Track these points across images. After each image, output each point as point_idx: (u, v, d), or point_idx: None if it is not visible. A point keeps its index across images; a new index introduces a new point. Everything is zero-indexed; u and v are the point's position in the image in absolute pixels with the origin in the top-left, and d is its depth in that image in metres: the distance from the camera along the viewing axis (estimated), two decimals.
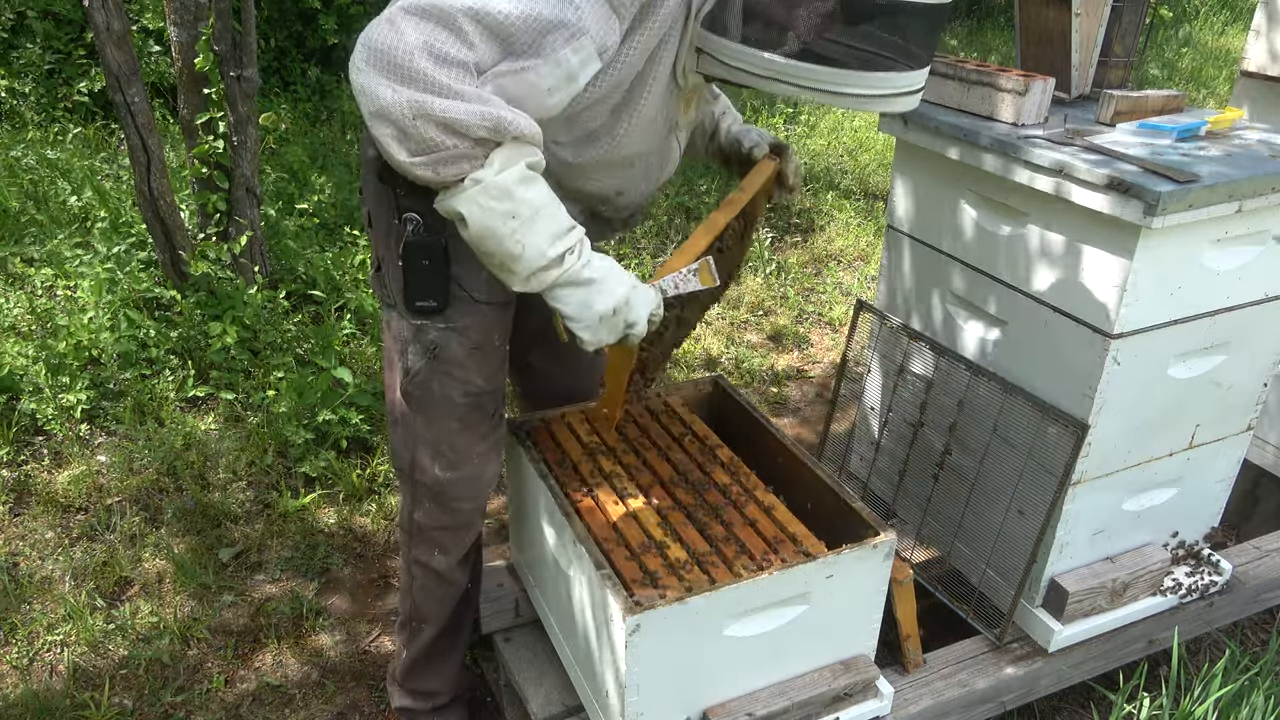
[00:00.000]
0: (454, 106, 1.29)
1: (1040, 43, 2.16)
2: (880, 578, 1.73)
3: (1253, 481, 2.74)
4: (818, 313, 4.24)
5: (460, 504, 1.85)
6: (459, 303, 1.67)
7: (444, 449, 1.78)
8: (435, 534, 1.88)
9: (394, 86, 1.28)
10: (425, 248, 1.60)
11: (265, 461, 3.00)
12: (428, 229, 1.60)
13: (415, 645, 2.03)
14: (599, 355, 2.09)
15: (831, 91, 1.44)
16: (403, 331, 1.71)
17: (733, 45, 1.45)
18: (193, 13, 3.26)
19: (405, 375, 1.73)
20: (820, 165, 5.71)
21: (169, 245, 3.39)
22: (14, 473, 2.92)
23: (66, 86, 5.13)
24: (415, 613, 1.99)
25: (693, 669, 1.62)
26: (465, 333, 1.70)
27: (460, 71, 1.31)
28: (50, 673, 2.35)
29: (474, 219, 1.36)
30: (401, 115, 1.28)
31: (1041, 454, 1.95)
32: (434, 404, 1.74)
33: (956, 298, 2.13)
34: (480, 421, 1.79)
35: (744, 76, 1.48)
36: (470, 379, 1.73)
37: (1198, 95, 7.50)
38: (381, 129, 1.31)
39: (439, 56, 1.29)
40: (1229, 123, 2.02)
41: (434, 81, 1.28)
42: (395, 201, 1.61)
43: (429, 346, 1.69)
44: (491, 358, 1.76)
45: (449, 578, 1.94)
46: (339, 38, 5.65)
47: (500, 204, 1.36)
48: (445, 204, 1.38)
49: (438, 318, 1.67)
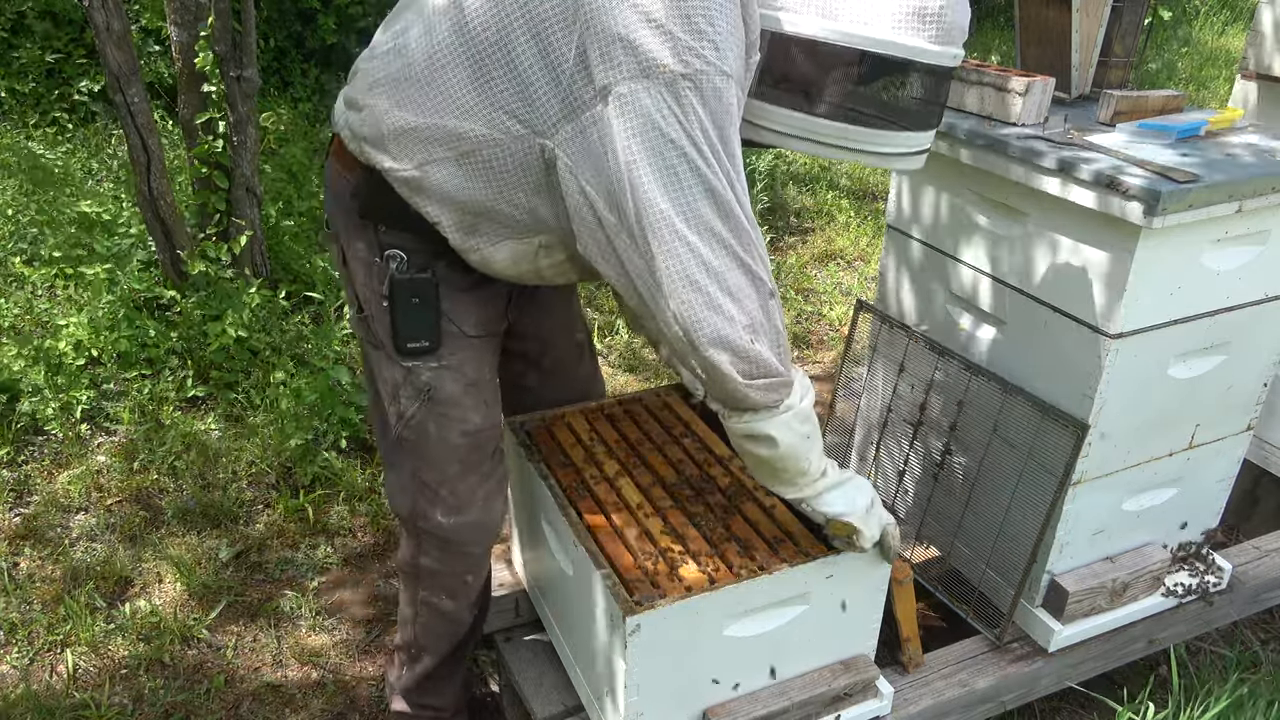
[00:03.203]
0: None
1: (1040, 43, 2.16)
2: (880, 578, 1.73)
3: (1253, 481, 2.73)
4: (818, 313, 4.24)
5: (469, 549, 1.80)
6: (451, 339, 1.63)
7: (445, 494, 1.72)
8: (446, 580, 1.82)
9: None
10: (414, 285, 1.56)
11: (265, 461, 3.00)
12: (414, 265, 1.55)
13: (416, 669, 1.97)
14: (598, 378, 2.10)
15: (855, 150, 1.49)
16: (393, 375, 1.65)
17: (759, 104, 1.47)
18: (193, 13, 3.25)
19: (399, 420, 1.68)
20: (820, 165, 5.72)
21: (169, 245, 3.39)
22: (14, 473, 2.92)
23: (66, 86, 5.13)
24: (415, 644, 1.94)
25: (693, 669, 1.62)
26: (460, 369, 1.65)
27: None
28: (50, 673, 2.34)
29: (785, 441, 1.47)
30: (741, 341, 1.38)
31: (1041, 454, 1.95)
32: (431, 447, 1.69)
33: (956, 298, 2.13)
34: (481, 461, 1.74)
35: (771, 136, 1.51)
36: (467, 417, 1.69)
37: (1198, 95, 7.50)
38: (719, 355, 1.38)
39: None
40: (1229, 123, 2.02)
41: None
42: (377, 238, 1.56)
43: (423, 389, 1.64)
44: (485, 392, 1.72)
45: (457, 617, 1.88)
46: (338, 37, 5.65)
47: (804, 427, 1.49)
48: (755, 426, 1.46)
49: (429, 357, 1.62)
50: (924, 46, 1.42)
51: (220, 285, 3.40)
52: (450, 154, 1.43)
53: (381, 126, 1.47)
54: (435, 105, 1.42)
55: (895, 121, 1.49)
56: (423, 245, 1.55)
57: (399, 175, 1.47)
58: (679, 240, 1.31)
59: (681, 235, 1.31)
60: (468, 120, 1.40)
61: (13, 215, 3.99)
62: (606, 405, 2.08)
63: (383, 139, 1.47)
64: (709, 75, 1.29)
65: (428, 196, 1.47)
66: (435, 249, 1.55)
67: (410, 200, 1.49)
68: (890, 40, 1.41)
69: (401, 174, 1.47)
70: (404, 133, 1.45)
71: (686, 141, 1.29)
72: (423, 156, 1.45)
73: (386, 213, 1.53)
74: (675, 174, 1.30)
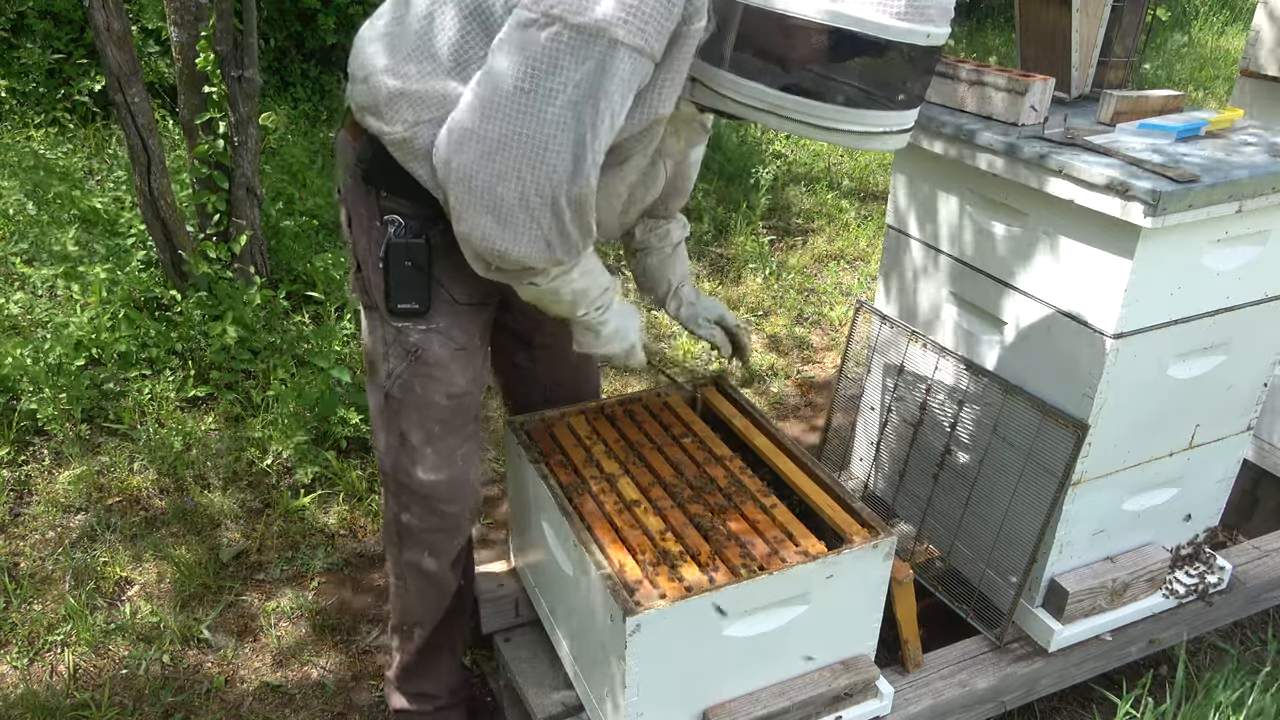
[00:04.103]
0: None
1: (1040, 43, 2.16)
2: (880, 578, 1.73)
3: (1253, 481, 2.73)
4: (818, 313, 4.24)
5: (447, 507, 1.84)
6: (440, 304, 1.68)
7: (427, 452, 1.77)
8: (426, 536, 1.86)
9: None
10: (408, 249, 1.61)
11: (265, 462, 3.00)
12: (410, 230, 1.61)
13: (409, 648, 2.02)
14: (591, 362, 2.11)
15: (822, 126, 1.42)
16: (384, 334, 1.71)
17: (726, 75, 1.44)
18: (193, 13, 3.25)
19: (388, 378, 1.73)
20: (820, 165, 5.72)
21: (169, 245, 3.39)
22: (14, 473, 2.92)
23: (67, 86, 5.13)
24: (408, 615, 1.98)
25: (693, 669, 1.62)
26: (448, 334, 1.70)
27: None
28: (50, 673, 2.35)
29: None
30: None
31: (1041, 454, 1.95)
32: (416, 406, 1.74)
33: (956, 298, 2.13)
34: (464, 423, 1.79)
35: (735, 107, 1.47)
36: (453, 380, 1.73)
37: (1198, 95, 7.50)
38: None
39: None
40: (1229, 123, 2.02)
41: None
42: (378, 203, 1.62)
43: (410, 349, 1.69)
44: (474, 358, 1.76)
45: (441, 579, 1.93)
46: (338, 37, 5.65)
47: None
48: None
49: (419, 320, 1.67)
50: (887, 22, 1.33)
51: (220, 285, 3.40)
52: (437, 114, 1.48)
53: (376, 93, 1.53)
54: (420, 68, 1.48)
55: (866, 100, 1.42)
56: (420, 211, 1.60)
57: (392, 138, 1.53)
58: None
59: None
60: (449, 80, 1.47)
61: (14, 215, 3.99)
62: (606, 405, 2.08)
63: (377, 105, 1.53)
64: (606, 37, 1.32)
65: (419, 159, 1.52)
66: (431, 215, 1.60)
67: (404, 164, 1.54)
68: (850, 14, 1.33)
69: (394, 137, 1.52)
70: (395, 96, 1.50)
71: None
72: (412, 118, 1.50)
73: (386, 178, 1.59)
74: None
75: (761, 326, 4.08)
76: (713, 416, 2.11)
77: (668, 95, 1.45)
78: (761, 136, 5.85)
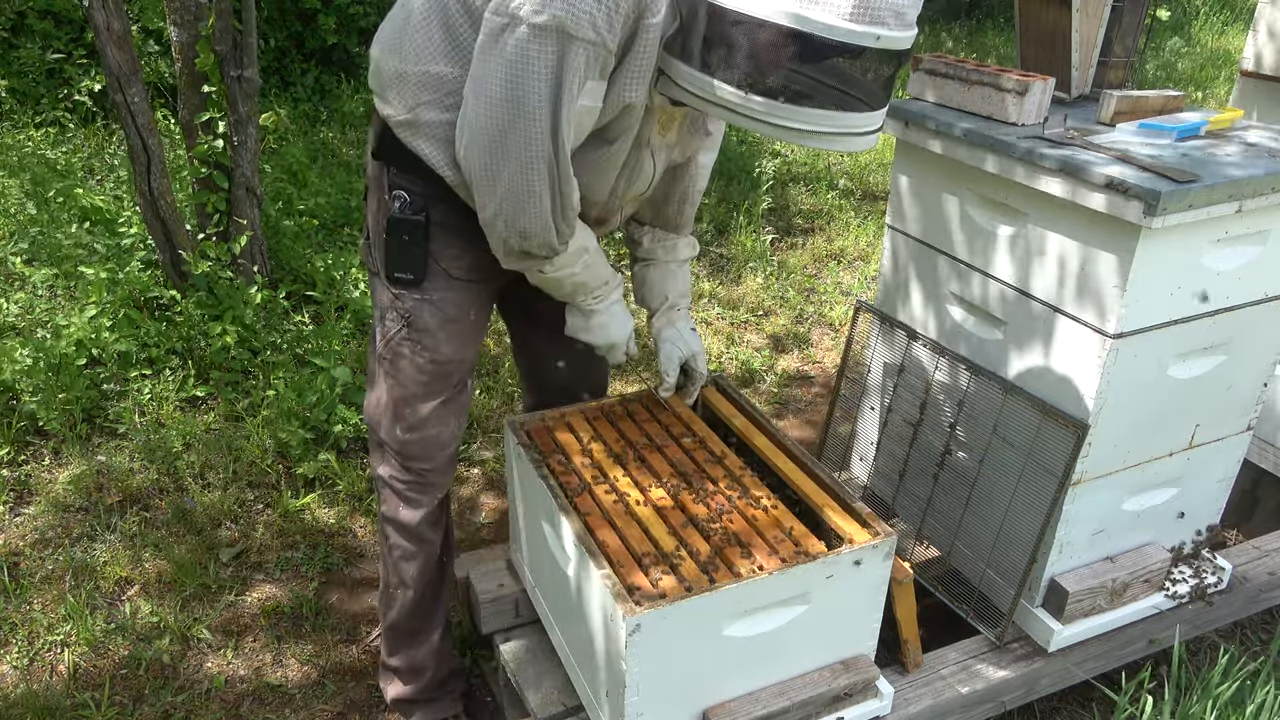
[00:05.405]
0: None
1: (1040, 43, 2.16)
2: (880, 578, 1.73)
3: (1253, 481, 2.74)
4: (818, 313, 4.24)
5: (418, 464, 1.93)
6: (435, 277, 1.79)
7: (405, 411, 1.88)
8: (400, 489, 1.96)
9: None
10: (407, 225, 1.73)
11: (265, 461, 3.00)
12: (412, 207, 1.72)
13: (394, 611, 2.08)
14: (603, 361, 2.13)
15: (779, 125, 1.42)
16: (383, 299, 1.83)
17: (687, 70, 1.47)
18: (193, 13, 3.25)
19: (382, 339, 1.85)
20: (820, 165, 5.72)
21: (169, 245, 3.39)
22: (14, 473, 2.92)
23: (67, 86, 5.13)
24: (391, 574, 2.05)
25: (693, 669, 1.62)
26: (439, 305, 1.81)
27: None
28: (50, 673, 2.35)
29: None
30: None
31: (1041, 454, 1.95)
32: (401, 368, 1.85)
33: (956, 298, 2.13)
34: (442, 390, 1.89)
35: (696, 101, 1.50)
36: (439, 349, 1.83)
37: (1198, 95, 7.50)
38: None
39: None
40: (1229, 123, 2.02)
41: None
42: (387, 178, 1.73)
43: (404, 314, 1.81)
44: (465, 330, 1.86)
45: (419, 535, 2.01)
46: (339, 37, 5.66)
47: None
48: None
49: (414, 289, 1.79)
50: (834, 23, 1.32)
51: (220, 285, 3.40)
52: (435, 95, 1.60)
53: (382, 77, 1.67)
54: (419, 53, 1.59)
55: (823, 100, 1.41)
56: (426, 189, 1.71)
57: (396, 120, 1.65)
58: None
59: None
60: (444, 63, 1.58)
61: (13, 215, 3.99)
62: (606, 405, 2.08)
63: (384, 88, 1.67)
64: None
65: (422, 137, 1.64)
66: (434, 193, 1.71)
67: (409, 143, 1.65)
68: (797, 13, 1.32)
69: (398, 118, 1.65)
70: (397, 79, 1.63)
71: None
72: (413, 100, 1.62)
73: (394, 156, 1.71)
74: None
75: (761, 326, 4.08)
76: (713, 416, 2.12)
77: (633, 84, 1.52)
78: (761, 136, 5.85)
